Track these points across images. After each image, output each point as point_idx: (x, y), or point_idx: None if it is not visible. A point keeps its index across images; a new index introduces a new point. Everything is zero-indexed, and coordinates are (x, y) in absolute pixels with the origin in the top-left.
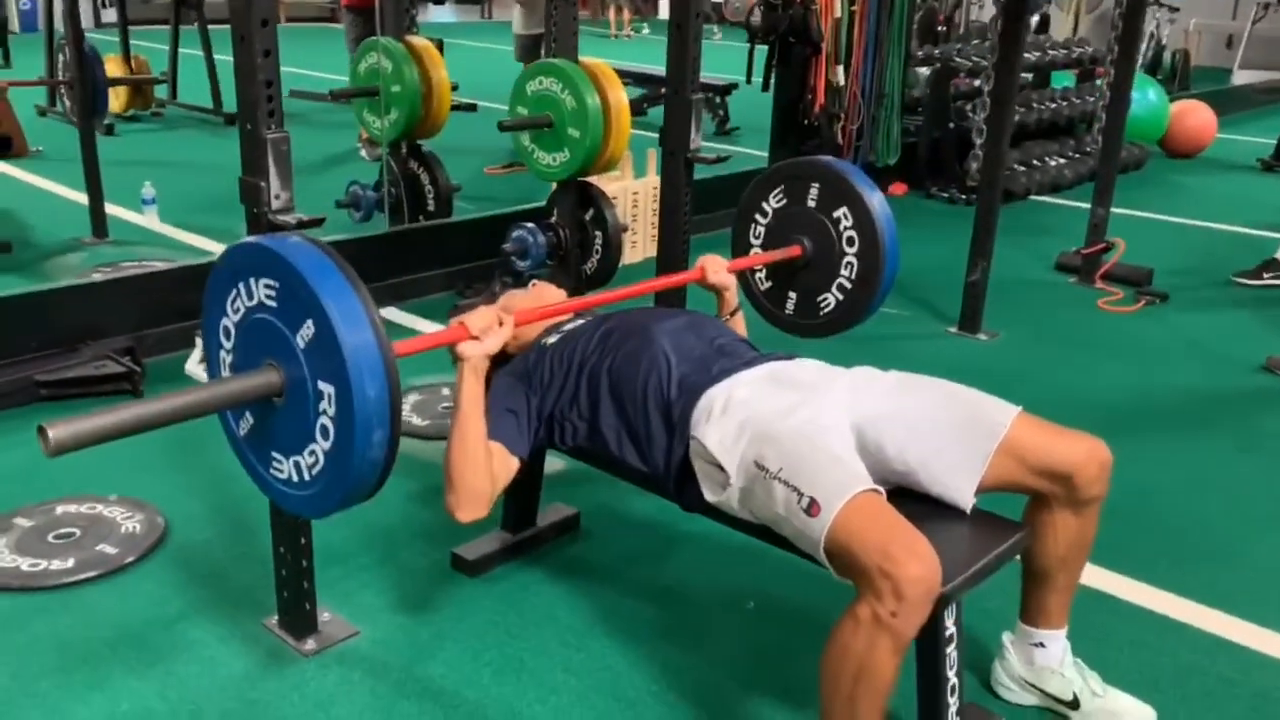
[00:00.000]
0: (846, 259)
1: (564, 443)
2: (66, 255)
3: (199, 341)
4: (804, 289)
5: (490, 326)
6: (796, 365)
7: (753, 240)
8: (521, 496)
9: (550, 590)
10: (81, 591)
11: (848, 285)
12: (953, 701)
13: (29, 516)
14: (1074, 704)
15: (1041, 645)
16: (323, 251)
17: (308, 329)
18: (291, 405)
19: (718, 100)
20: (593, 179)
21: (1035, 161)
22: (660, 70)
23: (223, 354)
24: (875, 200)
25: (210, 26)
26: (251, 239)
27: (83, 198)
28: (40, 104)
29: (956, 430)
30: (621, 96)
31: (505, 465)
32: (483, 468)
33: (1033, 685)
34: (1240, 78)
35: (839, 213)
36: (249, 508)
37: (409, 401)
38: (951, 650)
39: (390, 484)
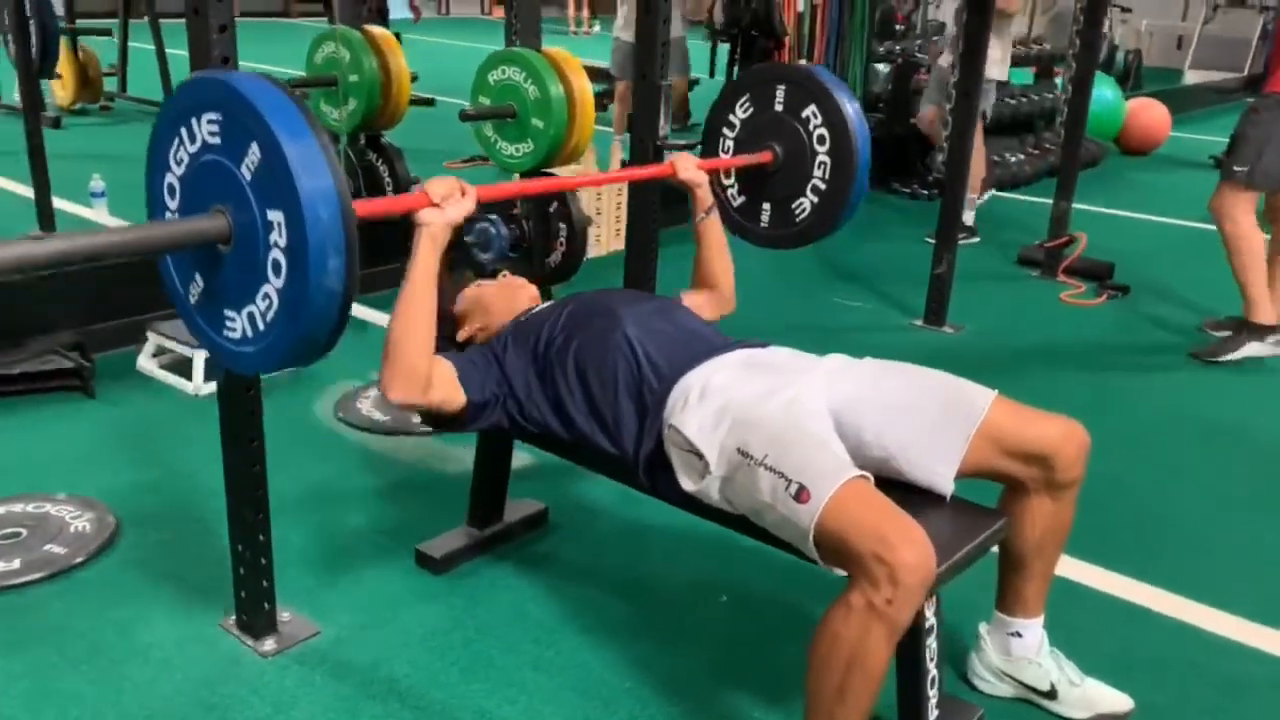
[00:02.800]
0: (819, 158)
1: (530, 426)
2: None
3: (151, 336)
4: (778, 197)
5: (452, 194)
6: (770, 351)
7: (722, 155)
8: (488, 491)
9: (519, 586)
10: (28, 593)
11: (822, 186)
12: (933, 694)
13: None
14: (1051, 693)
15: (1018, 634)
16: (261, 77)
17: (253, 155)
18: (240, 249)
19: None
20: (557, 170)
21: (995, 157)
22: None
23: (168, 216)
24: (843, 95)
25: (161, 20)
26: (194, 74)
27: (27, 190)
28: None
29: (935, 414)
30: (586, 85)
31: (448, 383)
32: (424, 344)
33: (1009, 676)
34: (1190, 77)
35: (807, 111)
36: (204, 506)
37: (369, 397)
38: (932, 641)
39: (350, 480)
